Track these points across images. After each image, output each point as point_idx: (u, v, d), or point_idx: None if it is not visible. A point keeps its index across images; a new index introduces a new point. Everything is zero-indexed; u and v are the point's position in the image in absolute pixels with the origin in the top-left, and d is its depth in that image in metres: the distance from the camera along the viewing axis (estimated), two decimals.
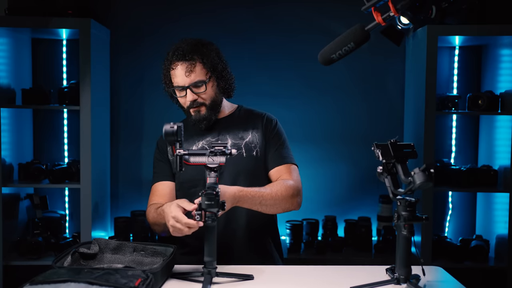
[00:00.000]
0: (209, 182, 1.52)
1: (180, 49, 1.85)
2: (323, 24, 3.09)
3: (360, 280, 1.49)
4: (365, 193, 3.15)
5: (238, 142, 1.92)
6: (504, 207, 2.80)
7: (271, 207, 1.80)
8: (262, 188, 1.80)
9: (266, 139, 1.96)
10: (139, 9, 3.14)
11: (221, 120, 1.98)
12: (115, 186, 3.16)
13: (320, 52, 1.40)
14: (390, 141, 1.47)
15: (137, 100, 3.16)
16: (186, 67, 1.84)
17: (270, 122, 1.99)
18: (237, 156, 1.88)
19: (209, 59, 1.88)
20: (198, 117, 1.90)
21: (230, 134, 1.94)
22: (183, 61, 1.84)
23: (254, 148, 1.92)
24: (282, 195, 1.81)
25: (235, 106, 2.06)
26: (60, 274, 1.29)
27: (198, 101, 1.88)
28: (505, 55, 2.89)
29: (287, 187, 1.84)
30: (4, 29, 2.73)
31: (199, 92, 1.87)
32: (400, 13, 1.29)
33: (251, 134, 1.95)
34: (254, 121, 1.98)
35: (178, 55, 1.85)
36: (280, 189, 1.82)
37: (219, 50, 1.95)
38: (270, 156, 1.94)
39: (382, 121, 3.17)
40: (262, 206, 1.78)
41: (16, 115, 2.88)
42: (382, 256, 2.91)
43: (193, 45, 1.87)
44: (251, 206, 1.76)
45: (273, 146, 1.95)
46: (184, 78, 1.85)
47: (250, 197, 1.74)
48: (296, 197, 1.86)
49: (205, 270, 1.51)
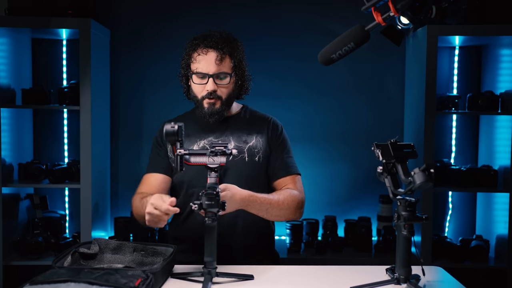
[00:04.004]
0: (210, 182, 1.51)
1: (214, 37, 1.84)
2: (323, 24, 3.09)
3: (360, 280, 1.49)
4: (365, 193, 3.15)
5: (241, 146, 1.91)
6: (504, 207, 2.80)
7: (275, 215, 1.82)
8: (270, 195, 1.81)
9: (270, 146, 1.94)
10: (139, 9, 3.14)
11: (226, 120, 1.96)
12: (115, 186, 3.16)
13: (320, 52, 1.41)
14: (390, 141, 1.47)
15: (137, 100, 3.17)
16: (217, 56, 1.82)
17: (276, 129, 1.98)
18: (239, 160, 1.88)
19: (238, 55, 1.88)
20: (211, 110, 1.87)
21: (233, 136, 1.93)
22: (215, 49, 1.83)
23: (257, 153, 1.91)
24: (288, 205, 1.83)
25: (240, 106, 2.05)
26: (60, 274, 1.29)
27: (217, 93, 1.85)
28: (505, 55, 2.89)
29: (293, 197, 1.85)
30: (4, 29, 2.73)
31: (220, 84, 1.86)
32: (400, 13, 1.29)
33: (255, 138, 1.94)
34: (260, 125, 1.97)
35: (210, 42, 1.83)
36: (287, 198, 1.83)
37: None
38: (275, 165, 1.93)
39: (382, 121, 3.17)
40: (268, 214, 1.79)
41: (16, 115, 2.88)
42: (382, 256, 2.91)
43: (226, 37, 1.87)
44: (258, 212, 1.77)
45: (278, 155, 1.94)
46: (211, 66, 1.83)
47: (259, 203, 1.75)
48: (300, 208, 1.89)
49: (205, 270, 1.50)
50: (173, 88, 3.12)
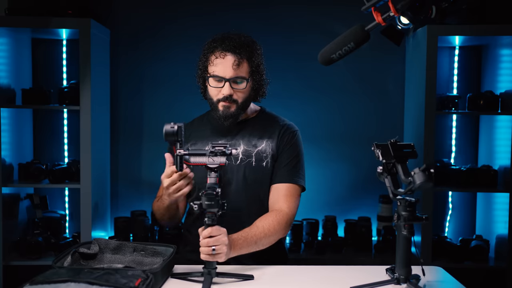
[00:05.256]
0: (210, 183, 1.52)
1: (232, 40, 1.82)
2: (323, 24, 3.09)
3: (360, 280, 1.49)
4: (365, 193, 3.15)
5: (250, 150, 1.89)
6: (504, 207, 2.80)
7: (266, 244, 1.78)
8: (253, 228, 1.75)
9: (278, 150, 1.91)
10: (139, 9, 3.14)
11: (240, 123, 1.93)
12: (115, 186, 3.16)
13: (320, 52, 1.40)
14: (390, 141, 1.47)
15: (137, 100, 3.16)
16: (234, 60, 1.80)
17: (288, 133, 1.94)
18: (245, 164, 1.87)
19: (256, 59, 1.86)
20: (226, 113, 1.85)
21: (244, 140, 1.91)
22: (232, 53, 1.81)
23: (265, 158, 1.89)
24: (275, 230, 1.78)
25: (257, 108, 2.02)
26: (60, 274, 1.29)
27: (233, 97, 1.84)
28: (505, 55, 2.89)
29: (279, 220, 1.80)
30: (4, 29, 2.73)
31: (237, 88, 1.83)
32: (400, 13, 1.29)
33: (265, 143, 1.91)
34: (272, 129, 1.94)
35: (228, 45, 1.81)
36: (272, 223, 1.78)
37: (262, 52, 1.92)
38: (276, 170, 1.90)
39: (382, 121, 3.17)
40: (258, 246, 1.75)
41: (16, 115, 2.88)
42: (382, 256, 2.90)
43: (245, 40, 1.85)
44: (248, 250, 1.72)
45: (284, 160, 1.90)
46: (228, 70, 1.81)
47: (248, 242, 1.70)
48: (287, 228, 1.84)
49: (205, 271, 1.51)
50: (173, 87, 3.14)
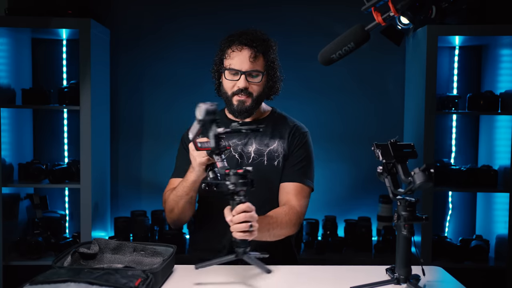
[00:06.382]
0: (223, 165, 1.50)
1: (249, 35, 1.86)
2: (323, 24, 3.09)
3: (360, 280, 1.49)
4: (365, 193, 3.15)
5: (262, 149, 1.91)
6: (504, 207, 2.80)
7: (277, 235, 1.78)
8: (267, 217, 1.76)
9: (289, 150, 1.93)
10: (139, 9, 3.14)
11: (253, 123, 1.94)
12: (115, 186, 3.16)
13: (320, 52, 1.40)
14: (390, 141, 1.47)
15: (137, 100, 3.17)
16: (251, 53, 1.84)
17: (298, 134, 1.96)
18: (257, 163, 1.88)
19: (271, 54, 1.90)
20: (241, 107, 1.87)
21: (256, 139, 1.93)
22: (249, 47, 1.84)
23: (276, 157, 1.90)
24: (287, 224, 1.80)
25: (269, 109, 2.04)
26: (60, 274, 1.29)
27: (248, 90, 1.86)
28: (505, 55, 2.90)
29: (291, 216, 1.82)
30: (4, 29, 2.74)
31: (252, 82, 1.86)
32: (400, 13, 1.29)
33: (277, 142, 1.93)
34: (283, 129, 1.96)
35: (245, 39, 1.85)
36: (284, 217, 1.80)
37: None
38: (286, 169, 1.91)
39: (382, 121, 3.17)
40: (270, 234, 1.75)
41: (16, 115, 2.88)
42: (382, 256, 2.91)
43: (261, 35, 1.89)
44: (261, 235, 1.68)
45: (293, 160, 1.92)
46: (245, 63, 1.84)
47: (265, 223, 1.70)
48: (297, 225, 1.86)
49: (240, 250, 1.46)
50: (173, 87, 3.14)
